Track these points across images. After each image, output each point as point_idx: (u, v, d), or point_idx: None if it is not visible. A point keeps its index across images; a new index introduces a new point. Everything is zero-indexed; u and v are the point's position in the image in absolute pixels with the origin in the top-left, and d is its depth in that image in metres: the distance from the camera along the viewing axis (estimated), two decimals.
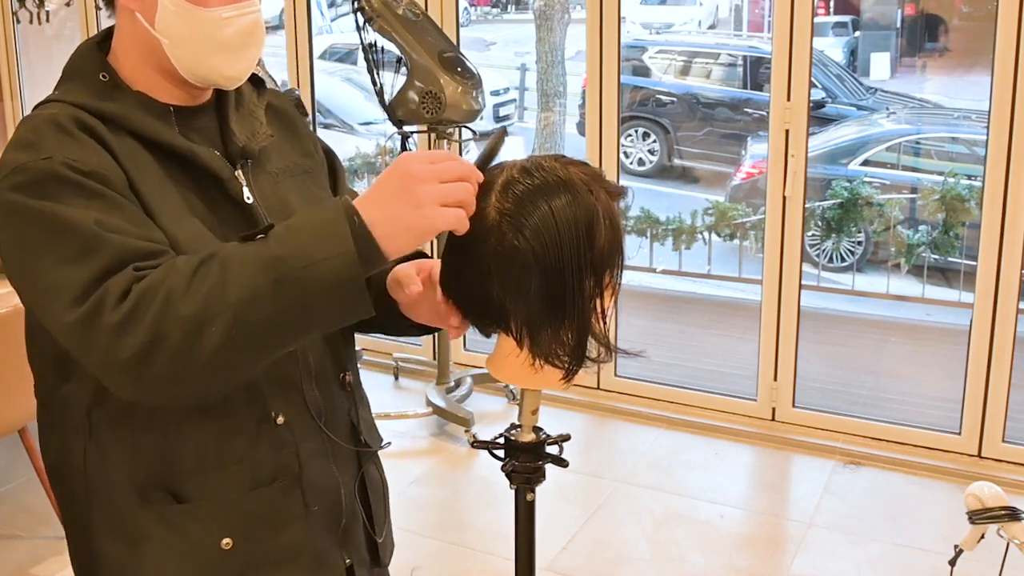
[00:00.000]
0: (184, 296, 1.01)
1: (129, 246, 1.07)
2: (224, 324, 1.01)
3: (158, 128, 1.21)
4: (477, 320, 1.26)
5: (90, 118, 1.17)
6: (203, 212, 1.22)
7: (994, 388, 3.42)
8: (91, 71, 1.24)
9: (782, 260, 3.66)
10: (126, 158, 1.17)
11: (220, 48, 1.21)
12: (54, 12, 5.08)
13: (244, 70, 1.26)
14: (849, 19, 10.12)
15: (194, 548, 1.22)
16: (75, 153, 1.12)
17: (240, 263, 1.02)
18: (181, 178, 1.21)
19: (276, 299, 1.01)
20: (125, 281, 1.04)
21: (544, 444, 1.36)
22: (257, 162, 1.31)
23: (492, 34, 13.24)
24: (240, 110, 1.33)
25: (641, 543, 3.13)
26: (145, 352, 1.02)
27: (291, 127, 1.42)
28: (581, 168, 1.22)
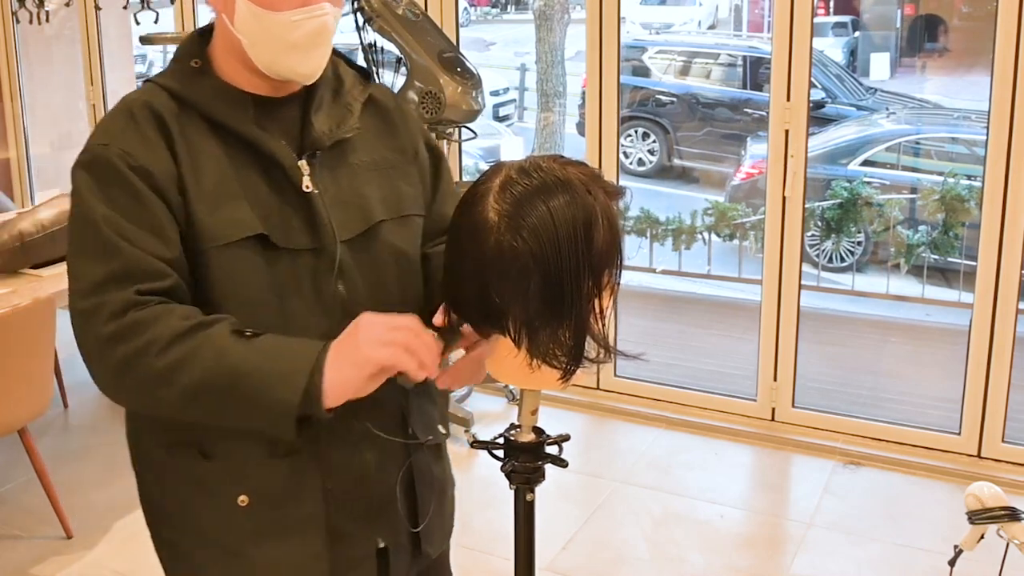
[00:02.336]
0: (159, 353, 1.18)
1: (138, 261, 1.21)
2: (178, 392, 1.18)
3: (230, 115, 1.31)
4: (476, 321, 1.26)
5: (167, 103, 1.30)
6: (265, 195, 1.30)
7: (994, 388, 3.42)
8: (187, 57, 1.35)
9: (782, 260, 3.66)
10: (186, 145, 1.28)
11: (291, 48, 1.29)
12: (54, 12, 5.08)
13: (315, 68, 1.32)
14: (849, 19, 10.12)
15: (214, 499, 1.34)
16: (131, 145, 1.26)
17: (213, 354, 1.18)
18: (247, 163, 1.31)
19: (221, 398, 1.18)
20: (123, 301, 1.19)
21: (544, 444, 1.36)
22: (337, 152, 1.37)
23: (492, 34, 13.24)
24: (336, 101, 1.40)
25: (640, 543, 3.14)
26: (119, 370, 1.20)
27: (388, 123, 1.46)
28: (579, 168, 1.22)
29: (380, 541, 1.42)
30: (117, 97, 1.33)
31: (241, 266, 1.28)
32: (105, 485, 3.47)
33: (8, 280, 3.08)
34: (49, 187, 5.03)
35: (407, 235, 1.42)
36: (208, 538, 1.36)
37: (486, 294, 1.19)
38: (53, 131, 5.48)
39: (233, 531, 1.34)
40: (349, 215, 1.35)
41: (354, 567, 1.40)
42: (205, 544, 1.37)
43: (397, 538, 1.43)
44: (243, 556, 1.35)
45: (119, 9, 4.61)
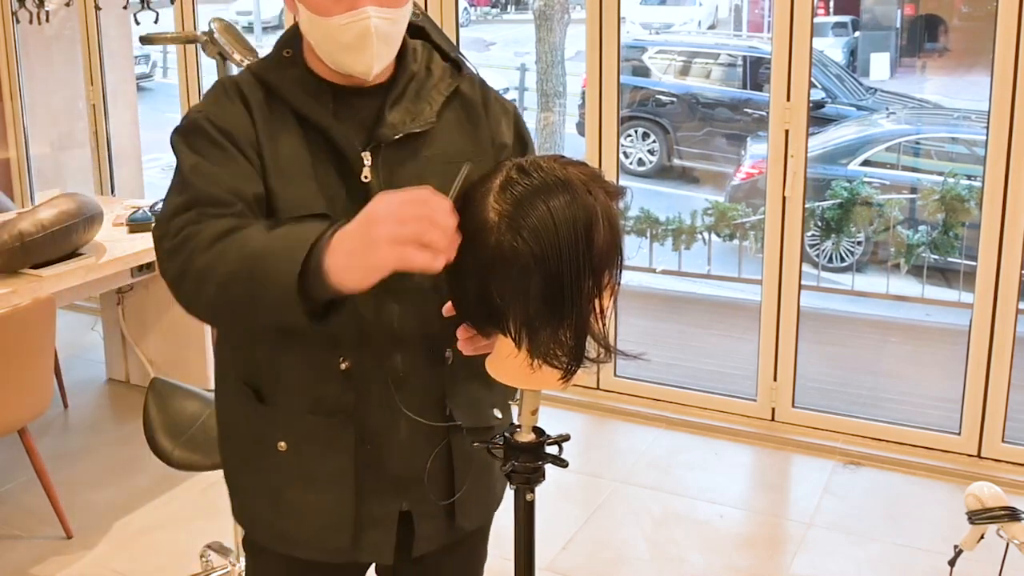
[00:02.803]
0: (202, 252, 1.28)
1: (203, 193, 1.34)
2: (215, 286, 1.26)
3: (308, 104, 1.42)
4: (477, 320, 1.26)
5: (255, 90, 1.43)
6: (332, 180, 1.40)
7: (994, 388, 3.42)
8: (282, 46, 1.48)
9: (782, 260, 3.66)
10: (266, 122, 1.41)
11: (344, 49, 1.38)
12: (54, 12, 5.08)
13: (369, 66, 1.39)
14: (849, 19, 10.12)
15: (261, 439, 1.48)
16: (218, 112, 1.41)
17: (240, 246, 1.26)
18: (321, 150, 1.41)
19: (245, 285, 1.24)
20: (185, 221, 1.32)
21: (544, 444, 1.36)
22: (408, 145, 1.44)
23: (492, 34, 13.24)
24: (419, 94, 1.47)
25: (640, 543, 3.14)
26: (176, 279, 1.32)
27: (472, 116, 1.52)
28: (580, 168, 1.22)
29: (404, 504, 1.50)
30: (117, 97, 1.38)
31: None
32: (105, 485, 3.47)
33: (8, 280, 3.08)
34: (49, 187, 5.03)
35: None
36: (255, 475, 1.52)
37: (487, 294, 1.19)
38: (53, 131, 5.47)
39: (273, 472, 1.48)
40: None
41: (376, 525, 1.50)
42: (253, 480, 1.53)
43: (424, 506, 1.51)
44: (280, 497, 1.49)
45: (119, 9, 4.61)
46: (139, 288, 4.12)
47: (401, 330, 1.43)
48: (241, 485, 1.58)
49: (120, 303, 4.25)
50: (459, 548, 1.63)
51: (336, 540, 1.49)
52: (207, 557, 2.89)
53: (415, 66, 1.50)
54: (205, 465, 2.37)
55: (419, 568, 1.60)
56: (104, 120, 5.18)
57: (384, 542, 1.51)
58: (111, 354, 4.40)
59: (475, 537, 1.67)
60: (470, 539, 1.64)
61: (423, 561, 1.57)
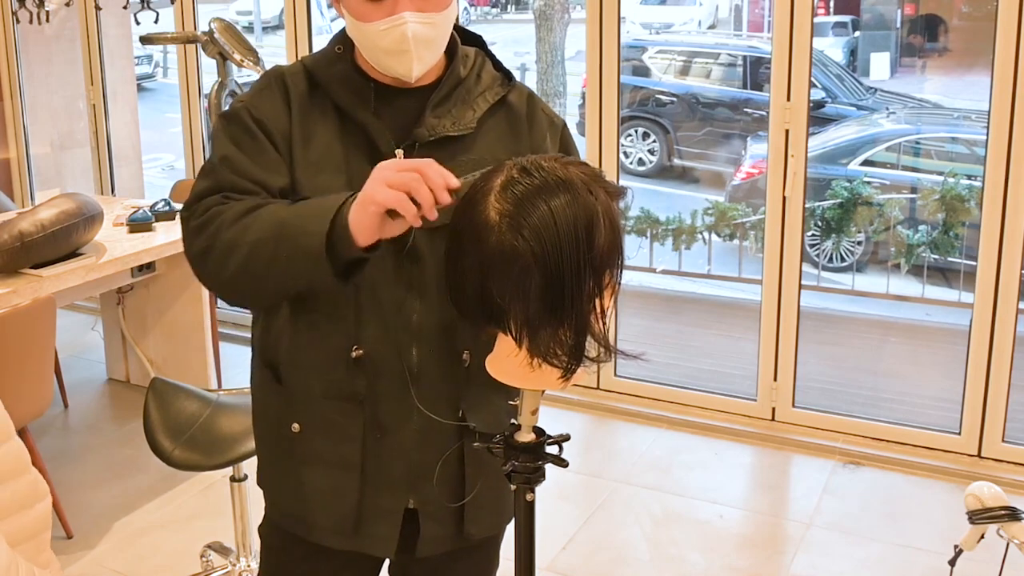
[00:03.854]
0: (229, 227, 1.35)
1: (228, 181, 1.41)
2: (243, 254, 1.33)
3: (349, 100, 1.46)
4: (476, 319, 1.26)
5: (301, 81, 1.49)
6: (364, 174, 1.34)
7: (994, 388, 3.42)
8: (335, 41, 1.52)
9: (782, 260, 3.66)
10: (305, 115, 1.46)
11: (384, 53, 1.41)
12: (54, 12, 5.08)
13: (410, 69, 1.42)
14: (849, 19, 10.11)
15: (279, 420, 1.53)
16: (257, 103, 1.47)
17: (267, 217, 1.33)
18: (357, 144, 1.45)
19: (274, 249, 1.30)
20: (212, 202, 1.39)
21: (544, 444, 1.36)
22: (446, 148, 1.45)
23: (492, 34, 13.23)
24: (465, 99, 1.50)
25: (641, 543, 3.14)
26: (201, 254, 1.38)
27: (515, 127, 1.54)
28: (581, 168, 1.22)
29: (411, 502, 1.51)
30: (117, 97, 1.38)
31: None
32: (105, 485, 3.47)
33: (8, 280, 3.08)
34: (49, 187, 5.03)
35: None
36: (275, 454, 1.57)
37: (487, 293, 1.19)
38: (53, 131, 5.47)
39: (288, 452, 1.53)
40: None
41: (380, 517, 1.51)
42: (273, 458, 1.58)
43: (431, 506, 1.52)
44: (293, 477, 1.53)
45: (119, 9, 4.61)
46: (139, 288, 4.12)
47: (420, 326, 1.45)
48: (265, 462, 1.62)
49: (120, 303, 4.25)
50: (468, 556, 1.62)
51: (339, 525, 1.51)
52: (207, 557, 2.89)
53: (464, 71, 1.52)
54: (205, 465, 2.37)
55: (427, 570, 1.60)
56: (104, 120, 5.19)
57: (387, 536, 1.51)
58: (111, 354, 4.40)
59: (486, 547, 1.66)
60: (480, 548, 1.64)
61: (431, 563, 1.57)
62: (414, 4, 1.39)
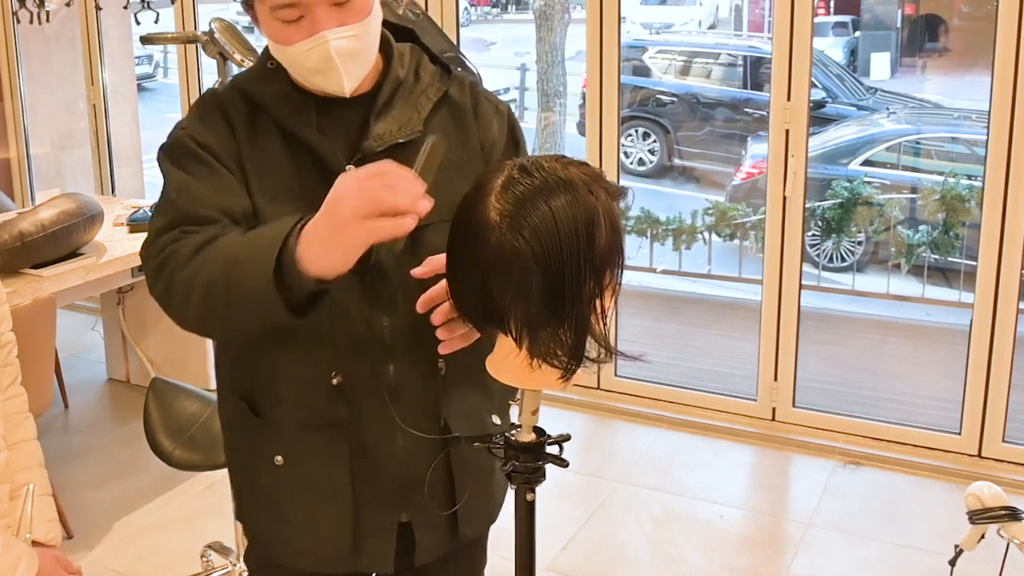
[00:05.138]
0: (183, 267, 1.28)
1: (188, 213, 1.33)
2: (199, 297, 1.26)
3: (292, 119, 1.39)
4: (477, 320, 1.26)
5: (239, 104, 1.41)
6: (318, 195, 1.27)
7: (994, 388, 3.41)
8: (265, 57, 1.44)
9: (782, 260, 3.66)
10: (250, 139, 1.39)
11: (312, 72, 1.36)
12: (54, 12, 5.07)
13: (341, 85, 1.36)
14: (849, 19, 10.11)
15: (259, 453, 1.49)
16: (200, 130, 1.40)
17: (217, 256, 1.26)
18: (306, 165, 1.39)
19: (226, 292, 1.24)
20: (168, 240, 1.32)
21: (544, 444, 1.35)
22: (396, 155, 1.34)
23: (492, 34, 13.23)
24: (407, 101, 1.44)
25: (641, 543, 3.13)
26: (163, 297, 1.32)
27: (461, 121, 1.49)
28: (581, 168, 1.22)
29: (404, 516, 1.50)
30: (117, 97, 1.36)
31: None
32: (105, 485, 3.47)
33: (8, 280, 3.08)
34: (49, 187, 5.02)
35: None
36: (257, 488, 1.52)
37: (487, 293, 1.19)
38: (53, 131, 5.47)
39: (272, 486, 1.48)
40: None
41: (375, 535, 1.49)
42: (255, 492, 1.53)
43: (423, 516, 1.50)
44: (280, 510, 1.49)
45: (119, 9, 4.61)
46: (139, 288, 4.12)
47: (393, 342, 1.42)
48: (247, 496, 1.57)
49: (120, 303, 4.25)
50: (460, 555, 1.62)
51: (336, 551, 1.49)
52: (207, 557, 2.89)
53: (402, 71, 1.46)
54: (205, 465, 2.38)
55: (422, 574, 1.59)
56: (104, 120, 5.19)
57: (384, 552, 1.50)
58: (111, 354, 4.40)
59: (476, 544, 1.66)
60: (471, 546, 1.64)
61: (424, 569, 1.57)
62: (333, 19, 1.32)
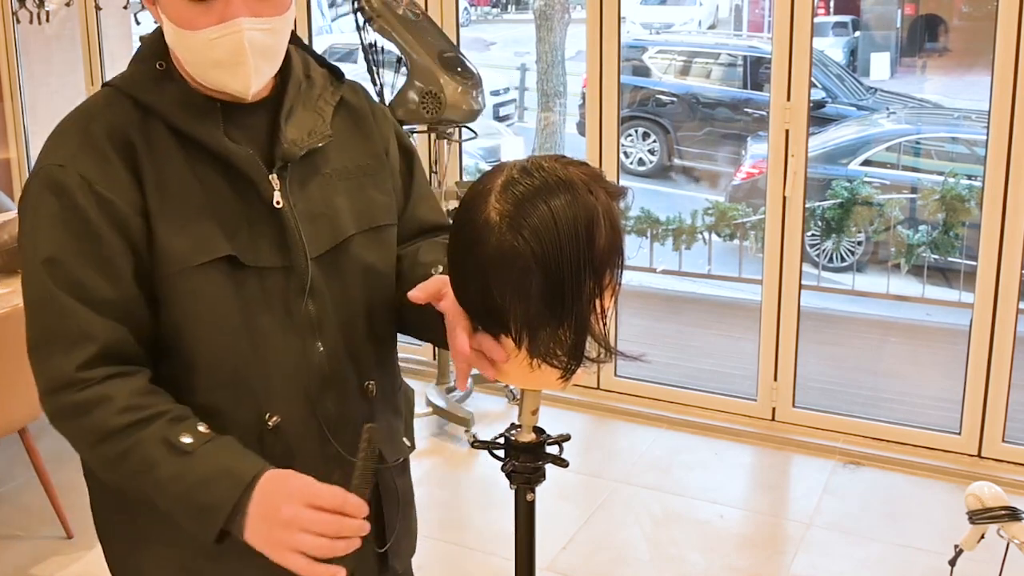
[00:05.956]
0: (96, 445, 1.26)
1: (73, 322, 1.22)
2: (117, 480, 1.27)
3: (198, 127, 1.24)
4: (478, 320, 1.26)
5: (130, 113, 1.24)
6: (234, 211, 1.24)
7: (994, 388, 3.41)
8: (151, 57, 1.28)
9: (782, 260, 3.66)
10: (152, 162, 1.23)
11: (214, 65, 1.22)
12: (54, 12, 5.08)
13: (247, 85, 1.24)
14: (849, 19, 10.12)
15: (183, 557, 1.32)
16: (89, 169, 1.21)
17: (141, 463, 1.20)
18: (216, 176, 1.25)
19: (151, 499, 1.21)
20: (61, 376, 1.25)
21: (544, 444, 1.35)
22: (308, 162, 1.31)
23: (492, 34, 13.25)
24: (307, 106, 1.34)
25: (641, 543, 3.13)
26: (66, 434, 1.29)
27: (362, 126, 1.41)
28: (581, 168, 1.21)
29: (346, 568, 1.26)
30: None
31: (208, 288, 1.25)
32: None
33: (8, 280, 3.08)
34: None
35: (377, 247, 1.39)
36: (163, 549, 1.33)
37: (487, 294, 1.19)
38: None
39: (192, 548, 1.28)
40: (319, 230, 1.31)
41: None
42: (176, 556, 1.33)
43: (363, 561, 1.34)
44: (201, 573, 1.33)
45: (119, 9, 4.62)
46: None
47: (330, 370, 1.32)
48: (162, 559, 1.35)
49: None
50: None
51: None
52: None
53: (300, 78, 1.35)
54: None
55: None
56: None
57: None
58: None
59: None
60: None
61: None
62: (248, 7, 1.20)
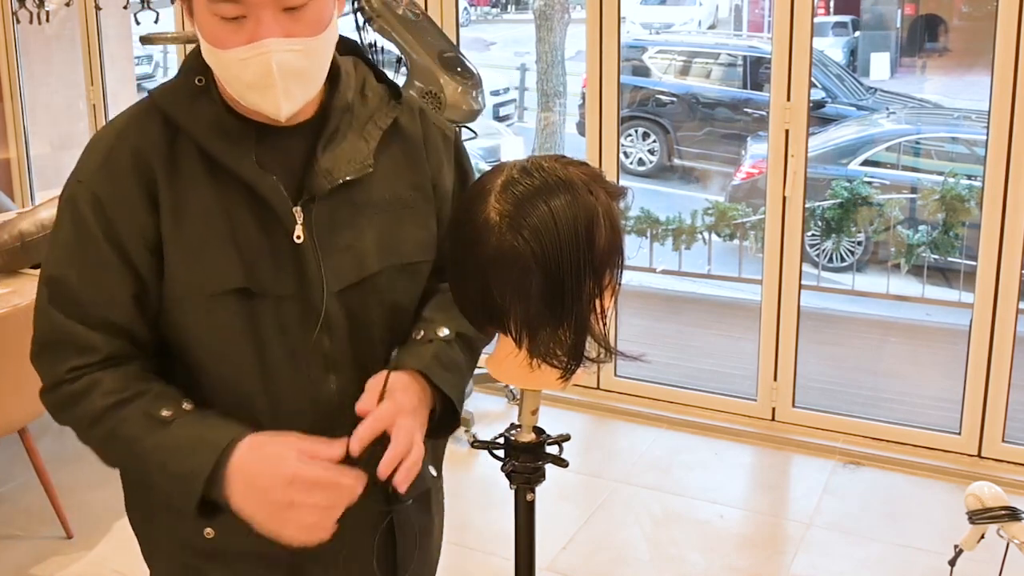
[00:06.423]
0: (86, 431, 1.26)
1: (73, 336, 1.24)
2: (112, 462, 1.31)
3: (228, 151, 1.21)
4: (478, 320, 1.26)
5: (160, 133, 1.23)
6: (254, 238, 1.22)
7: (994, 388, 3.41)
8: (191, 71, 1.25)
9: (782, 260, 3.66)
10: (172, 187, 1.21)
11: (248, 87, 1.18)
12: (54, 12, 5.08)
13: (279, 108, 1.18)
14: (849, 19, 10.12)
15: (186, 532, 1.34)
16: (104, 190, 1.22)
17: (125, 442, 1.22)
18: (240, 202, 1.22)
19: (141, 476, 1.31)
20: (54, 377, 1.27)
21: (544, 444, 1.35)
22: (342, 192, 1.26)
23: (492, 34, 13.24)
24: (354, 129, 1.28)
25: (641, 543, 3.13)
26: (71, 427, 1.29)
27: (411, 154, 1.34)
28: (581, 168, 1.21)
29: None
30: (117, 97, 1.27)
31: (218, 318, 1.23)
32: (105, 485, 3.46)
33: (8, 280, 3.08)
34: (49, 187, 5.03)
35: (406, 284, 1.34)
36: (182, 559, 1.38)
37: (487, 294, 1.19)
38: (53, 131, 5.48)
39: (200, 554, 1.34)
40: (343, 264, 1.27)
41: None
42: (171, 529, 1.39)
43: None
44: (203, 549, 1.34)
45: (119, 9, 4.61)
46: None
47: (342, 406, 1.26)
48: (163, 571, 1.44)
49: None
50: None
51: None
52: None
53: (350, 94, 1.29)
54: None
55: None
56: (104, 120, 5.19)
57: None
58: None
59: None
60: None
61: None
62: (279, 26, 1.14)
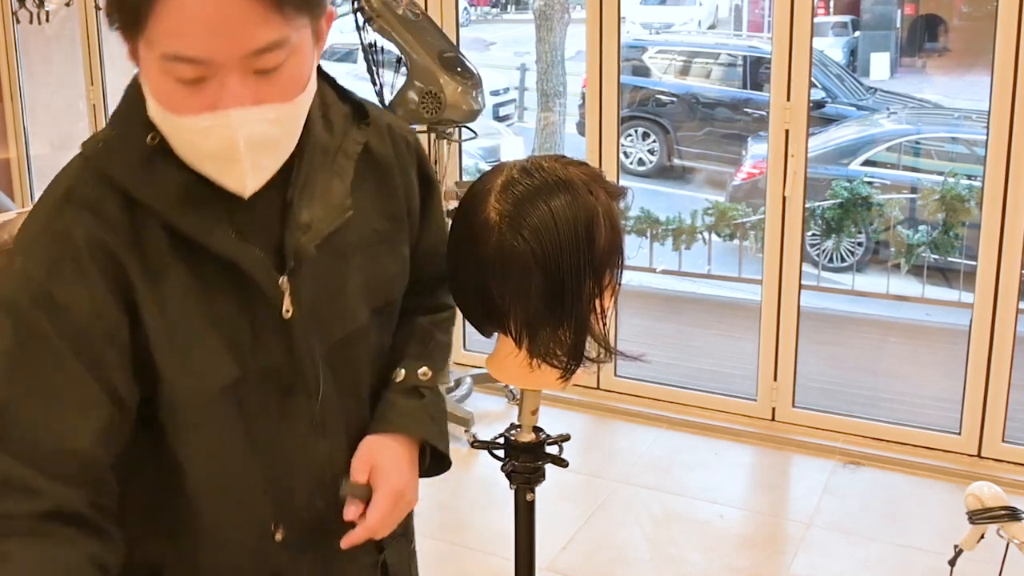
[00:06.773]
0: None
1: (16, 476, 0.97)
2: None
3: (201, 227, 1.03)
4: (478, 319, 1.26)
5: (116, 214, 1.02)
6: (236, 319, 1.08)
7: (994, 388, 3.41)
8: (138, 126, 1.04)
9: (782, 260, 3.66)
10: (145, 275, 1.03)
11: (207, 158, 1.01)
12: (54, 12, 5.08)
13: (244, 183, 1.02)
14: (849, 19, 10.11)
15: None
16: (60, 283, 0.99)
17: None
18: (218, 283, 1.06)
19: None
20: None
21: (544, 444, 1.36)
22: (324, 243, 1.12)
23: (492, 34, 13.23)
24: (323, 165, 1.12)
25: (641, 543, 3.13)
26: None
27: (386, 182, 1.22)
28: (581, 168, 1.22)
29: None
30: (117, 97, 1.07)
31: (209, 414, 1.10)
32: None
33: None
34: None
35: (388, 325, 1.28)
36: None
37: (487, 294, 1.19)
38: (53, 131, 5.47)
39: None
40: (329, 321, 1.16)
41: None
42: None
43: None
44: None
45: None
46: None
47: (333, 466, 1.19)
48: None
49: None
50: None
51: None
52: None
53: (318, 126, 1.12)
54: None
55: None
56: (104, 120, 5.19)
57: None
58: None
59: None
60: None
61: None
62: (248, 91, 0.97)
